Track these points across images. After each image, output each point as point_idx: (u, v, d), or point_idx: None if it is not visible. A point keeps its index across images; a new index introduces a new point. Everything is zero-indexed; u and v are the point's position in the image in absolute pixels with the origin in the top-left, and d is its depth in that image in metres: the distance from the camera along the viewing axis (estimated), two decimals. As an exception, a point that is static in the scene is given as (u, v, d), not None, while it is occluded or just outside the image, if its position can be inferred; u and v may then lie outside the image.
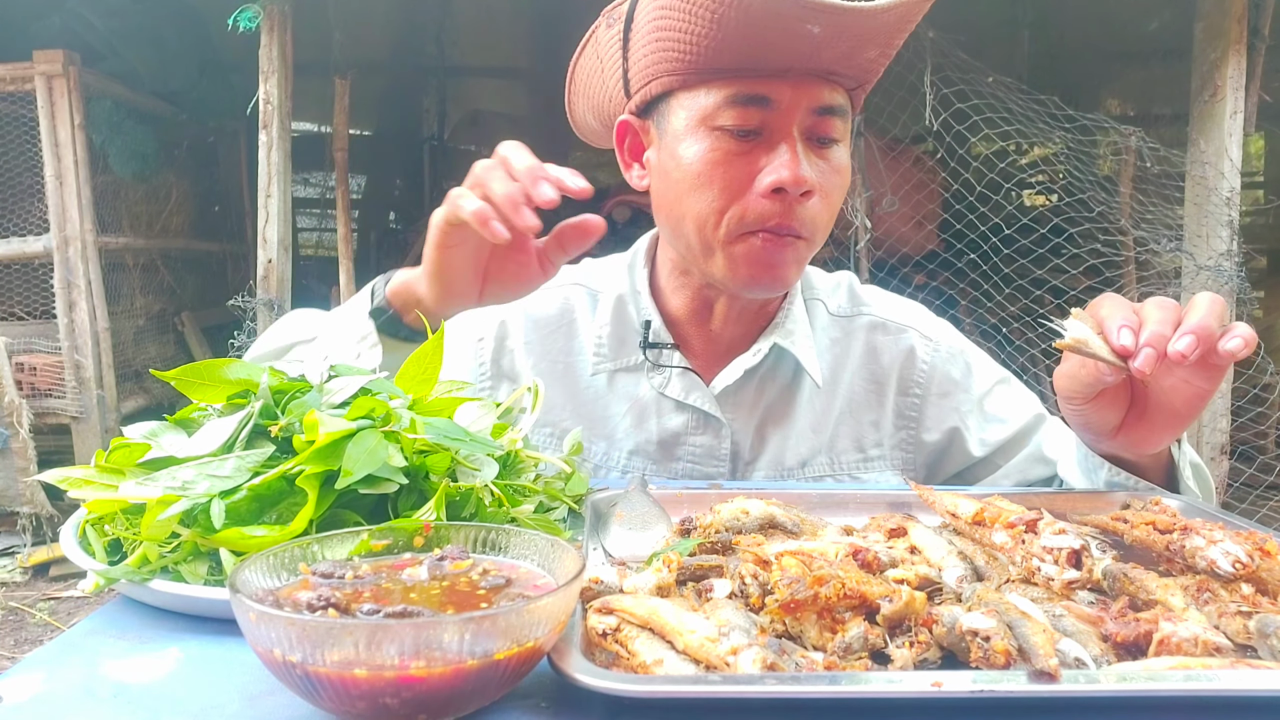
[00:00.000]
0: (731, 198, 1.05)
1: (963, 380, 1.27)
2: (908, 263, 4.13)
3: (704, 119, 1.04)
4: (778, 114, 1.02)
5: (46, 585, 3.82)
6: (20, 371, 4.02)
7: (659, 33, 1.04)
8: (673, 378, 1.21)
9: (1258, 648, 0.60)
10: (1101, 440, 0.97)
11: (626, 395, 1.23)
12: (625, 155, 1.19)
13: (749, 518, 0.79)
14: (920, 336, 1.27)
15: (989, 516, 0.74)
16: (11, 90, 4.00)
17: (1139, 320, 0.83)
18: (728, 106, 1.03)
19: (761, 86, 1.02)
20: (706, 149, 1.05)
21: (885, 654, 0.58)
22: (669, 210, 1.12)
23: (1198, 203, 3.40)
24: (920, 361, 1.26)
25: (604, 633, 0.58)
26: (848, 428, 1.24)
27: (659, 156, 1.12)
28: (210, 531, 0.66)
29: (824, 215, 1.08)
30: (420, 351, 0.84)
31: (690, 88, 1.05)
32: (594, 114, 1.26)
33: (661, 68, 1.06)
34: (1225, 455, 3.44)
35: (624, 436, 1.23)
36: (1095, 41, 5.19)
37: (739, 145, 1.04)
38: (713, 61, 1.01)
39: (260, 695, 0.55)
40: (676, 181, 1.08)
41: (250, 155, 4.07)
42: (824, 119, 1.04)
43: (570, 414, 1.24)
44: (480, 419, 0.85)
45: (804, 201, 1.04)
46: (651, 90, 1.09)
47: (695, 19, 0.99)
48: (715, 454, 1.21)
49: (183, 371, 0.78)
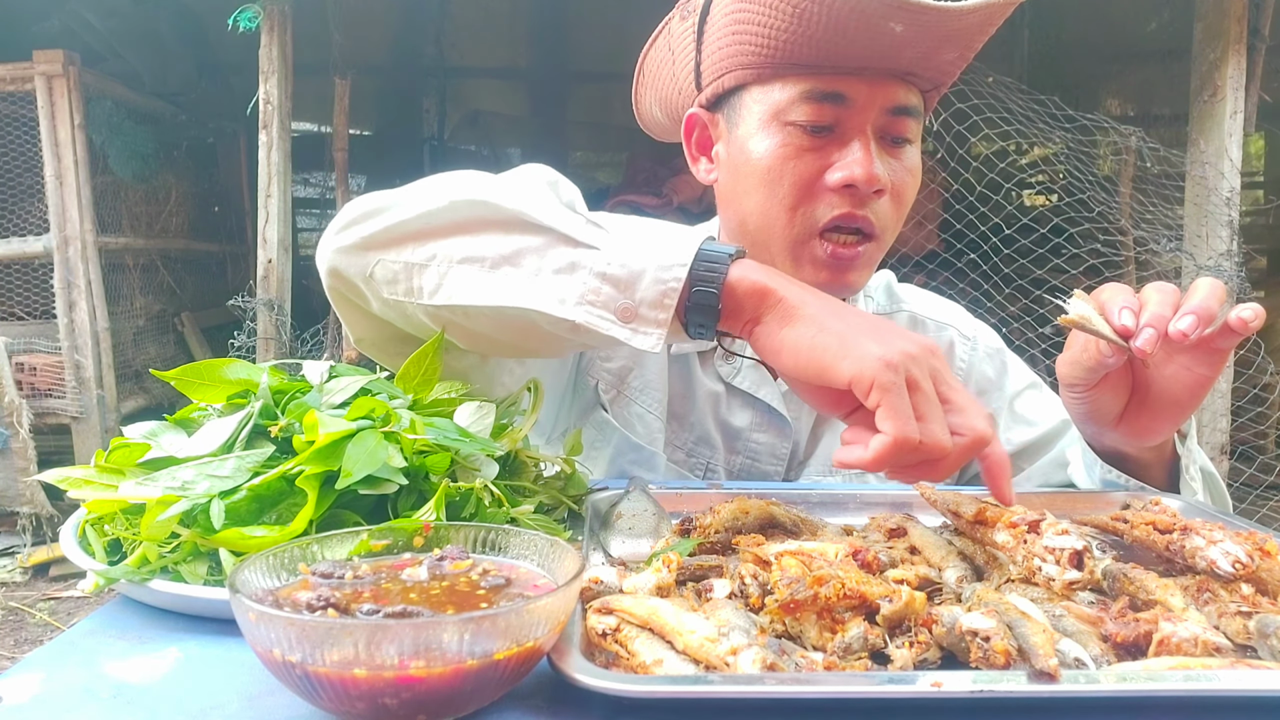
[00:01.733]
0: (802, 194, 1.03)
1: (998, 379, 1.27)
2: (908, 263, 4.13)
3: (777, 114, 1.03)
4: (852, 111, 1.01)
5: (46, 585, 3.82)
6: (20, 371, 4.02)
7: (736, 25, 1.03)
8: (743, 369, 1.20)
9: (1258, 648, 0.60)
10: (1103, 432, 0.97)
11: (696, 381, 1.22)
12: (693, 149, 1.18)
13: (748, 517, 0.79)
14: (959, 335, 1.28)
15: (991, 516, 0.74)
16: (11, 90, 4.00)
17: (1140, 303, 0.83)
18: (802, 102, 1.01)
19: (838, 83, 1.01)
20: (778, 144, 1.03)
21: (885, 654, 0.58)
22: (736, 206, 1.10)
23: (1198, 203, 3.40)
24: (959, 360, 1.27)
25: (604, 633, 0.58)
26: None
27: (728, 151, 1.11)
28: (210, 531, 0.66)
29: (894, 215, 1.06)
30: (420, 352, 0.84)
31: (764, 82, 1.04)
32: (661, 106, 1.25)
33: (736, 60, 1.05)
34: (1225, 455, 3.44)
35: (696, 422, 1.22)
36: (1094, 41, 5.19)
37: (812, 141, 1.02)
38: (791, 56, 1.00)
39: (260, 695, 0.55)
40: (745, 176, 1.07)
41: (250, 156, 4.07)
42: (898, 119, 1.03)
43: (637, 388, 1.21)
44: (480, 419, 0.85)
45: (875, 199, 1.03)
46: (725, 83, 1.08)
47: (776, 12, 0.98)
48: (776, 453, 1.21)
49: (183, 371, 0.78)
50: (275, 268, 3.71)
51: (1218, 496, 1.04)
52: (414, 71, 6.10)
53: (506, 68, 6.31)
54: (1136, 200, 3.72)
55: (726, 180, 1.12)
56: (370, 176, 6.36)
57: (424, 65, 6.04)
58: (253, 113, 3.66)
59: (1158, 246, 3.55)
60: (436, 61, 5.97)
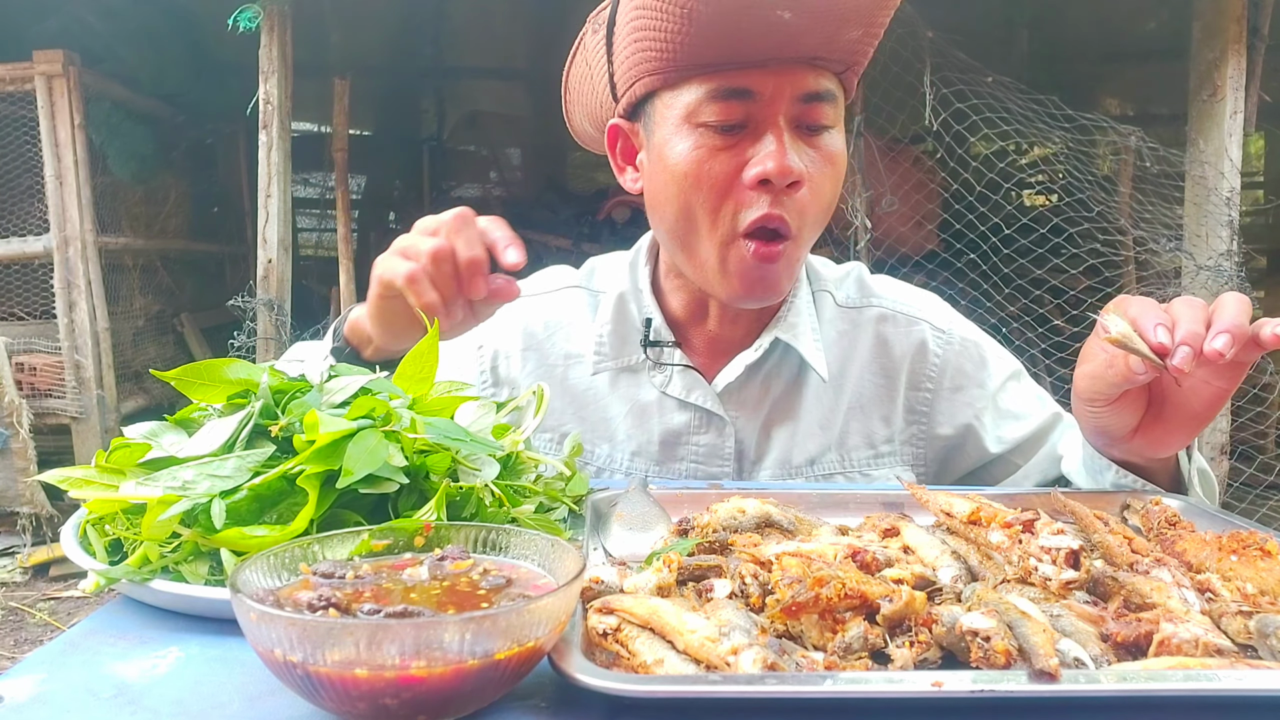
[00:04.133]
0: (721, 195, 1.03)
1: (976, 374, 1.24)
2: (907, 263, 4.12)
3: (687, 116, 1.03)
4: (761, 105, 1.00)
5: (46, 585, 3.82)
6: (20, 371, 4.02)
7: (637, 33, 1.02)
8: (674, 376, 1.20)
9: (1258, 648, 0.60)
10: (1114, 444, 0.96)
11: (627, 396, 1.23)
12: (618, 160, 1.18)
13: (745, 517, 0.79)
14: (932, 329, 1.25)
15: (985, 516, 0.74)
16: (11, 90, 4.00)
17: (1172, 319, 0.82)
18: (710, 101, 1.01)
19: (743, 78, 1.00)
20: (692, 146, 1.03)
21: (885, 654, 0.58)
22: (661, 213, 1.10)
23: (1197, 203, 3.40)
24: (932, 354, 1.23)
25: (604, 633, 0.58)
26: (858, 423, 1.22)
27: (649, 158, 1.11)
28: (211, 531, 0.66)
29: (814, 208, 1.05)
30: (416, 350, 0.84)
31: (672, 86, 1.04)
32: (589, 120, 1.25)
33: (643, 68, 1.05)
34: (1225, 455, 3.45)
35: (625, 438, 1.22)
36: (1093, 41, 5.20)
37: (724, 140, 1.02)
38: (690, 57, 1.00)
39: (261, 695, 0.55)
40: (665, 182, 1.06)
41: (250, 156, 4.07)
42: (812, 106, 1.02)
43: (571, 417, 1.24)
44: (480, 419, 0.85)
45: (792, 193, 1.01)
46: (636, 92, 1.08)
47: (668, 16, 0.97)
48: (719, 453, 1.20)
49: (183, 371, 0.78)
50: (275, 268, 3.71)
51: (1209, 493, 1.04)
52: (413, 72, 6.10)
53: (504, 68, 6.31)
54: (1136, 200, 3.72)
55: (650, 188, 1.12)
56: (370, 176, 6.36)
57: (423, 65, 6.04)
58: (252, 113, 3.66)
59: (1157, 246, 3.55)
60: (435, 62, 5.98)
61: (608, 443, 1.23)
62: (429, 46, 5.79)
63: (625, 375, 1.23)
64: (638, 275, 1.25)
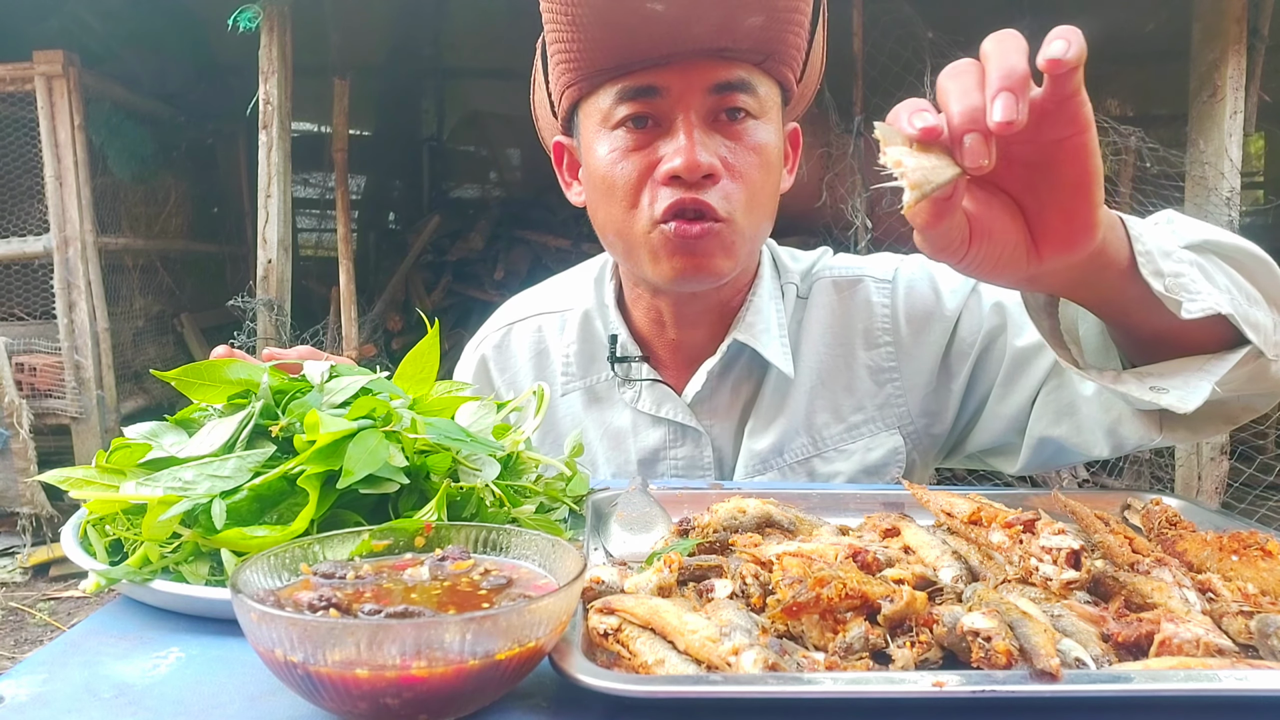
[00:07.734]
0: (637, 193, 1.04)
1: (934, 308, 1.15)
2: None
3: (603, 120, 1.06)
4: (669, 101, 1.02)
5: (46, 585, 3.82)
6: (20, 372, 4.03)
7: (554, 45, 1.05)
8: (643, 391, 1.19)
9: (1259, 648, 0.60)
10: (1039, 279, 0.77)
11: (600, 421, 1.23)
12: (564, 174, 1.21)
13: (745, 517, 0.79)
14: (875, 281, 1.19)
15: (985, 516, 0.74)
16: (11, 91, 4.00)
17: (941, 96, 0.64)
18: (619, 104, 1.03)
19: (647, 77, 1.01)
20: (609, 149, 1.05)
21: (886, 654, 0.58)
22: (597, 220, 1.12)
23: (1197, 203, 3.41)
24: (879, 307, 1.18)
25: (605, 633, 0.58)
26: (823, 400, 1.18)
27: (584, 169, 1.13)
28: (211, 532, 0.66)
29: (742, 194, 1.03)
30: (417, 349, 0.85)
31: (589, 94, 1.07)
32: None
33: (564, 80, 1.07)
34: (1225, 455, 3.45)
35: (604, 461, 1.22)
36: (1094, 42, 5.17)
37: (638, 140, 1.04)
38: (595, 63, 1.02)
39: (261, 695, 0.55)
40: (593, 189, 1.09)
41: (250, 156, 4.07)
42: (725, 95, 1.02)
43: (549, 446, 1.23)
44: (481, 419, 0.85)
45: (709, 185, 1.01)
46: (564, 106, 1.11)
47: (565, 27, 1.00)
48: (699, 464, 1.19)
49: (183, 372, 0.78)
50: (275, 268, 3.71)
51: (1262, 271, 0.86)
52: (413, 72, 6.10)
53: (504, 69, 6.30)
54: (1136, 200, 3.72)
55: (587, 197, 1.14)
56: (369, 177, 6.37)
57: (423, 65, 6.04)
58: (252, 113, 3.66)
59: (1157, 246, 3.54)
60: (435, 62, 5.98)
61: (587, 468, 1.22)
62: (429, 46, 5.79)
63: (597, 398, 1.23)
64: (602, 291, 1.26)
